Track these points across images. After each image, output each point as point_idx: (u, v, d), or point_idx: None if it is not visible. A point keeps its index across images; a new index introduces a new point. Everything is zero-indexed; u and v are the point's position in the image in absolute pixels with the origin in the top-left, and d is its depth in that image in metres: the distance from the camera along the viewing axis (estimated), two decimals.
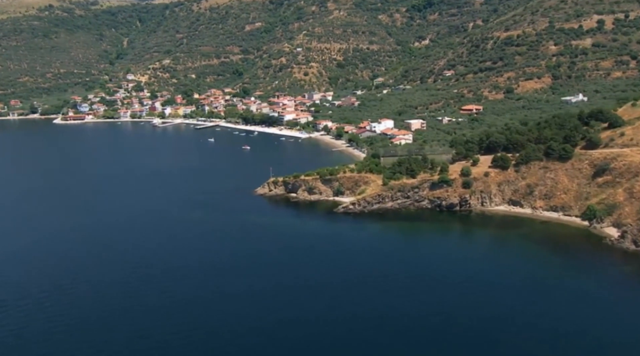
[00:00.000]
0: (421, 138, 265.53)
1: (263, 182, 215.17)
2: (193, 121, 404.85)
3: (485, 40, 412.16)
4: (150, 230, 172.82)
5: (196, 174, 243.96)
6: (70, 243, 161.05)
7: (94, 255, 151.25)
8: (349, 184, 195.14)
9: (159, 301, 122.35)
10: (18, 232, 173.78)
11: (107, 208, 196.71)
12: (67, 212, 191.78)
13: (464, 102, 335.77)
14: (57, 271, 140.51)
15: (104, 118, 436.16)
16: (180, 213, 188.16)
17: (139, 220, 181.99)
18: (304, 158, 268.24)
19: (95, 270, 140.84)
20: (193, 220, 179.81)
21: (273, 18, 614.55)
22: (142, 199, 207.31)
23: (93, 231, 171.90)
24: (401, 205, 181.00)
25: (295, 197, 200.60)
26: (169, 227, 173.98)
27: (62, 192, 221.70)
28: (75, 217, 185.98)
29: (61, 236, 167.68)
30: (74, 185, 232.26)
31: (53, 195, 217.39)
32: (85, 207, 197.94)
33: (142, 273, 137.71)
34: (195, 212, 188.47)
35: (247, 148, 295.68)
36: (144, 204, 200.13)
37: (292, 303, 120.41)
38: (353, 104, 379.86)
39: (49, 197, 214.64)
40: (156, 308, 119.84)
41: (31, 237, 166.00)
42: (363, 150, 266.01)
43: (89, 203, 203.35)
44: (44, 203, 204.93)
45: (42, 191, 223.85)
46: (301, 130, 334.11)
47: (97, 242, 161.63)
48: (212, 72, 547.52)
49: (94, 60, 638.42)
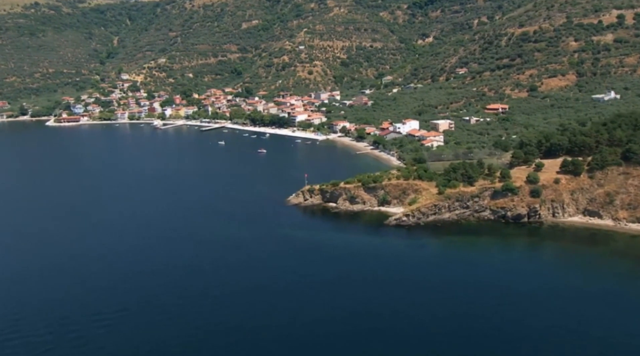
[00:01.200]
0: (452, 139, 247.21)
1: (292, 189, 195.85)
2: (196, 122, 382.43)
3: (498, 37, 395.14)
4: (187, 249, 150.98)
5: (216, 182, 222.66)
6: (95, 266, 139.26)
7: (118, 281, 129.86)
8: (396, 192, 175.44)
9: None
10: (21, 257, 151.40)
11: (130, 222, 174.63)
12: (92, 231, 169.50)
13: (486, 100, 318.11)
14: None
15: (100, 120, 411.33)
16: (213, 228, 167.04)
17: (172, 239, 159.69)
18: (327, 163, 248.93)
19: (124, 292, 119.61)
20: (231, 237, 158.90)
21: (270, 15, 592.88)
22: (166, 212, 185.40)
23: (117, 253, 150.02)
24: (460, 216, 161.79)
25: (335, 207, 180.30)
26: (210, 247, 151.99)
27: (77, 206, 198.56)
28: (99, 235, 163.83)
29: (86, 260, 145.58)
30: (85, 198, 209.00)
31: (71, 208, 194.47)
32: (110, 224, 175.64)
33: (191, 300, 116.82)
34: (230, 226, 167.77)
35: (263, 151, 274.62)
36: (169, 219, 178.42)
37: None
38: (366, 104, 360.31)
39: (67, 210, 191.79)
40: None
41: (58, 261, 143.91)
42: (392, 153, 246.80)
43: (112, 220, 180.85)
44: (67, 220, 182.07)
45: (56, 204, 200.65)
46: (316, 131, 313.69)
47: (122, 267, 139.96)
48: (209, 71, 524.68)
49: (83, 60, 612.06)
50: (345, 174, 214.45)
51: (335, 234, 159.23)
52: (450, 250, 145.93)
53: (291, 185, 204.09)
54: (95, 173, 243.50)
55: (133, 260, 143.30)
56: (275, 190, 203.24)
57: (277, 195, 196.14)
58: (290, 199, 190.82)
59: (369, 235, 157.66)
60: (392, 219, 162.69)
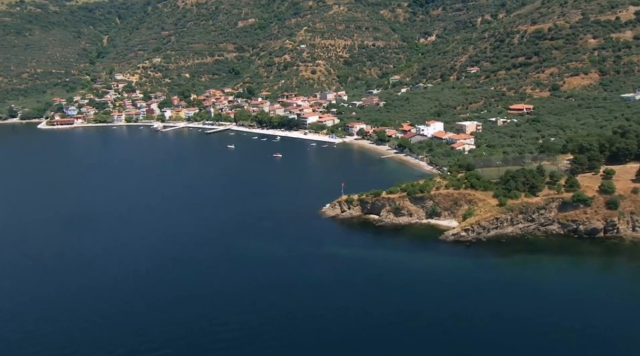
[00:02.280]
0: (483, 142, 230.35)
1: (322, 199, 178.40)
2: (198, 125, 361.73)
3: (510, 35, 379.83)
4: (227, 271, 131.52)
5: (237, 190, 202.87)
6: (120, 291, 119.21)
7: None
8: (447, 203, 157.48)
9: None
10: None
11: (158, 243, 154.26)
12: (118, 255, 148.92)
13: (507, 100, 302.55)
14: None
15: (95, 122, 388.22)
16: (247, 244, 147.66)
17: (209, 261, 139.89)
18: (351, 169, 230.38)
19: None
20: (270, 256, 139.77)
21: (267, 14, 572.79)
22: (193, 228, 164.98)
23: (149, 278, 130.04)
24: (524, 231, 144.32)
25: (378, 219, 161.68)
26: (251, 270, 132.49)
27: (94, 224, 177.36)
28: (126, 261, 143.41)
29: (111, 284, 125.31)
30: (102, 213, 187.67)
31: (87, 226, 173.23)
32: (136, 246, 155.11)
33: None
34: (266, 242, 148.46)
35: (279, 156, 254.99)
36: (199, 235, 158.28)
37: None
38: (377, 104, 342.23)
39: (86, 229, 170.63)
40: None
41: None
42: (421, 157, 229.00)
43: (138, 240, 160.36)
44: (90, 242, 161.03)
45: (71, 222, 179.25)
46: (330, 134, 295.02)
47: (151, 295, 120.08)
48: (206, 71, 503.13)
49: (72, 59, 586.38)
50: (374, 181, 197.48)
51: (388, 253, 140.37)
52: (523, 272, 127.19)
53: (320, 194, 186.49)
54: (104, 184, 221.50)
55: (169, 286, 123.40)
56: (304, 199, 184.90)
57: (308, 206, 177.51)
58: (326, 210, 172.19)
59: (427, 253, 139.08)
60: (450, 234, 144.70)
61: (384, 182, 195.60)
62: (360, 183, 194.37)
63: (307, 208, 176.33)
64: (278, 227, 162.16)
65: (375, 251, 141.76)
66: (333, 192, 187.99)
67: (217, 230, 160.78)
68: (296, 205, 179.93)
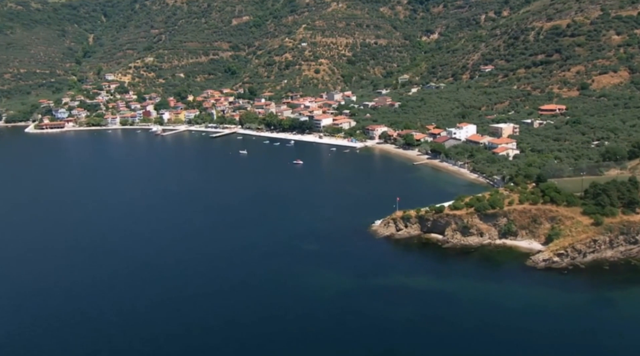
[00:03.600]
0: (526, 147, 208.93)
1: (365, 213, 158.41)
2: (200, 128, 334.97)
3: (525, 32, 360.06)
4: (282, 308, 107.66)
5: (265, 204, 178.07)
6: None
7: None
8: (524, 221, 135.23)
9: None
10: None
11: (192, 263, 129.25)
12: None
13: (534, 100, 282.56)
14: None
15: (88, 125, 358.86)
16: (298, 273, 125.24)
17: (257, 290, 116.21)
18: (384, 177, 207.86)
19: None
20: (329, 287, 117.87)
21: (262, 11, 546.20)
22: (227, 248, 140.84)
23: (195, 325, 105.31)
24: (626, 254, 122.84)
25: (443, 240, 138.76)
26: (310, 306, 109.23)
27: (120, 246, 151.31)
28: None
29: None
30: (125, 238, 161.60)
31: (111, 250, 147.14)
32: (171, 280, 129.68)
33: None
34: (318, 269, 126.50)
35: (300, 163, 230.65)
36: (236, 257, 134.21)
37: None
38: (392, 105, 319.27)
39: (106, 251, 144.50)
40: None
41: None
42: (460, 163, 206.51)
43: (172, 270, 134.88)
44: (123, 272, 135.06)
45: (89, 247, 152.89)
46: (349, 138, 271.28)
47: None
48: (201, 71, 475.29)
49: (57, 59, 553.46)
50: (417, 192, 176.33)
51: (469, 283, 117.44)
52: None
53: (361, 207, 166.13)
54: (107, 200, 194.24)
55: (220, 337, 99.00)
56: (345, 215, 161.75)
57: (353, 223, 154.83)
58: (377, 229, 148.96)
59: (520, 285, 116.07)
60: (539, 259, 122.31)
61: (429, 194, 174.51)
62: (402, 195, 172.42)
63: (353, 225, 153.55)
64: (327, 250, 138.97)
65: (455, 282, 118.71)
66: (375, 204, 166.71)
67: (255, 254, 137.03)
68: (338, 221, 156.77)
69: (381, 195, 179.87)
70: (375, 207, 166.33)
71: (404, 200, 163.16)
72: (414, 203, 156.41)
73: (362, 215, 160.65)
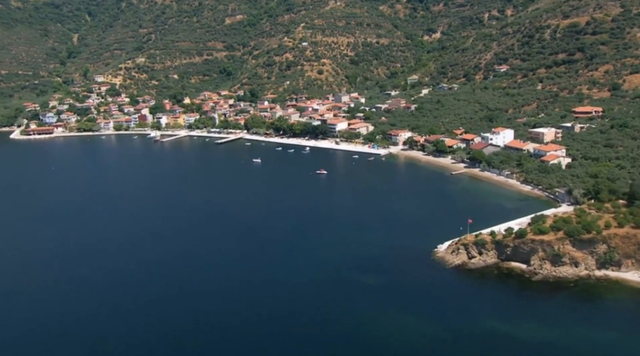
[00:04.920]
0: (578, 154, 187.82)
1: (416, 233, 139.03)
2: (202, 133, 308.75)
3: (540, 30, 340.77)
4: None
5: (299, 224, 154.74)
6: None
7: None
8: (628, 248, 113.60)
9: None
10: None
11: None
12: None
13: (563, 102, 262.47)
14: None
15: (79, 131, 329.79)
16: (369, 316, 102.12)
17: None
18: (424, 189, 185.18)
19: None
20: (409, 337, 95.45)
21: (255, 10, 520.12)
22: (274, 279, 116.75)
23: None
24: None
25: (529, 270, 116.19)
26: None
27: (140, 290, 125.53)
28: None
29: None
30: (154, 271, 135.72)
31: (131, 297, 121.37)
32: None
33: None
34: (388, 310, 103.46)
35: (324, 173, 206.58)
36: (285, 293, 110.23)
37: None
38: (408, 108, 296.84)
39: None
40: None
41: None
42: (507, 173, 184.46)
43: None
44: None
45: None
46: (370, 143, 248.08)
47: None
48: (196, 72, 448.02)
49: (40, 60, 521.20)
50: (467, 208, 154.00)
51: (586, 332, 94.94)
52: None
53: (412, 227, 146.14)
54: (113, 220, 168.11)
55: None
56: (398, 237, 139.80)
57: (411, 247, 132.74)
58: (444, 256, 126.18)
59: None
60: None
61: (486, 210, 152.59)
62: (453, 211, 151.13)
63: (412, 250, 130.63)
64: (390, 284, 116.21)
65: (565, 328, 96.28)
66: (428, 223, 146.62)
67: (300, 289, 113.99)
68: (392, 245, 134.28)
69: (431, 211, 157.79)
70: (430, 227, 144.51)
71: (456, 217, 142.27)
72: (462, 219, 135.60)
73: (417, 237, 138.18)
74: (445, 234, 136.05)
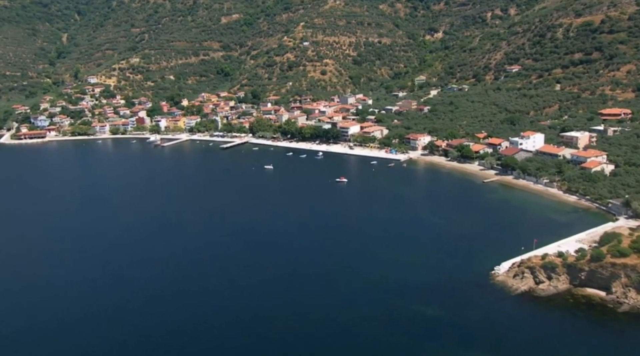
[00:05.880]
0: (621, 160, 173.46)
1: (469, 252, 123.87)
2: (205, 137, 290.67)
3: (551, 29, 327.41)
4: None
5: (328, 239, 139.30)
6: None
7: None
8: None
9: None
10: None
11: None
12: None
13: (586, 103, 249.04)
14: None
15: (73, 135, 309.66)
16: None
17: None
18: (459, 200, 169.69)
19: None
20: None
21: (252, 9, 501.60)
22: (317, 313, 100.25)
23: None
24: None
25: (613, 299, 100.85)
26: None
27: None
28: None
29: None
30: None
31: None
32: None
33: None
34: (454, 346, 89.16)
35: (344, 180, 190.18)
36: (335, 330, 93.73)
37: None
38: (421, 110, 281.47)
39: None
40: None
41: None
42: (545, 182, 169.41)
43: None
44: None
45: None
46: (387, 148, 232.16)
47: None
48: (192, 72, 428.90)
49: (29, 60, 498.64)
50: (512, 222, 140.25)
51: None
52: None
53: (459, 245, 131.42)
54: (120, 235, 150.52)
55: None
56: (445, 256, 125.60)
57: (463, 269, 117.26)
58: (505, 280, 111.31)
59: None
60: None
61: (535, 225, 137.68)
62: (499, 226, 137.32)
63: (465, 273, 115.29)
64: (450, 315, 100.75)
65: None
66: (474, 239, 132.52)
67: (341, 319, 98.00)
68: (440, 266, 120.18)
69: (475, 225, 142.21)
70: (479, 244, 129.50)
71: (506, 232, 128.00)
72: (524, 238, 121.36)
73: (468, 256, 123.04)
74: (498, 252, 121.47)
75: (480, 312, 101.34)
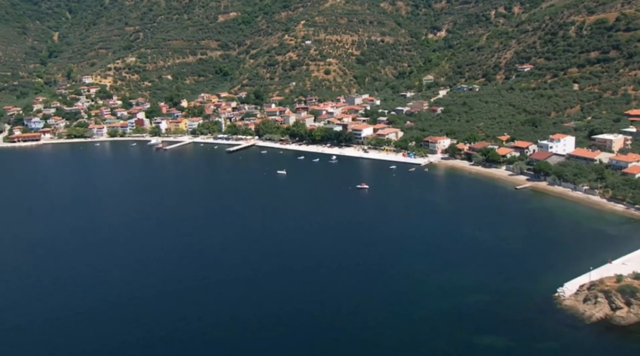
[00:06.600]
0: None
1: (521, 269, 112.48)
2: (208, 139, 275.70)
3: (563, 27, 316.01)
4: None
5: (360, 254, 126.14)
6: None
7: None
8: None
9: None
10: None
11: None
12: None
13: (610, 104, 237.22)
14: None
15: (69, 137, 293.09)
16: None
17: None
18: (495, 210, 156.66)
19: None
20: None
21: (250, 7, 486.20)
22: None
23: None
24: None
25: None
26: None
27: None
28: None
29: None
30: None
31: None
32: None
33: None
34: None
35: (365, 187, 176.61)
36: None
37: None
38: (434, 111, 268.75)
39: None
40: None
41: None
42: (585, 189, 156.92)
43: None
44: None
45: None
46: (405, 152, 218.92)
47: None
48: (190, 72, 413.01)
49: (19, 59, 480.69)
50: (562, 235, 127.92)
51: None
52: None
53: (511, 262, 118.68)
54: (130, 253, 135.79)
55: None
56: (497, 276, 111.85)
57: (522, 290, 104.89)
58: (574, 304, 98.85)
59: None
60: None
61: (586, 238, 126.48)
62: (549, 239, 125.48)
63: (524, 294, 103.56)
64: (516, 347, 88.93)
65: None
66: (522, 255, 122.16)
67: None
68: (496, 289, 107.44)
69: (522, 238, 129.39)
70: (532, 261, 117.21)
71: (559, 247, 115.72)
72: (582, 254, 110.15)
73: (523, 276, 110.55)
74: (555, 270, 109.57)
75: (554, 344, 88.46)
